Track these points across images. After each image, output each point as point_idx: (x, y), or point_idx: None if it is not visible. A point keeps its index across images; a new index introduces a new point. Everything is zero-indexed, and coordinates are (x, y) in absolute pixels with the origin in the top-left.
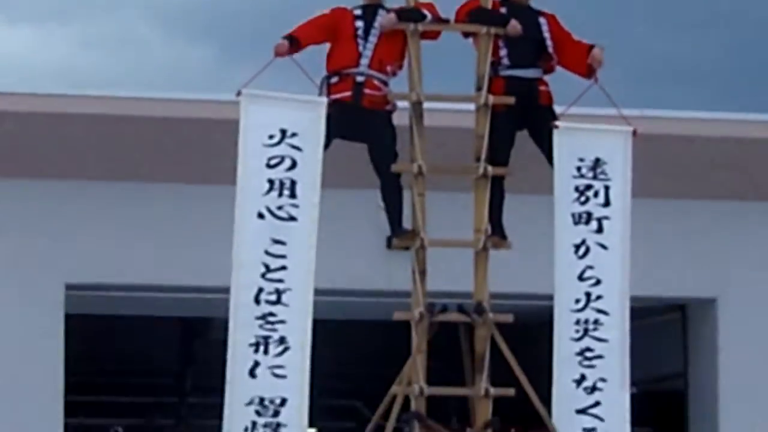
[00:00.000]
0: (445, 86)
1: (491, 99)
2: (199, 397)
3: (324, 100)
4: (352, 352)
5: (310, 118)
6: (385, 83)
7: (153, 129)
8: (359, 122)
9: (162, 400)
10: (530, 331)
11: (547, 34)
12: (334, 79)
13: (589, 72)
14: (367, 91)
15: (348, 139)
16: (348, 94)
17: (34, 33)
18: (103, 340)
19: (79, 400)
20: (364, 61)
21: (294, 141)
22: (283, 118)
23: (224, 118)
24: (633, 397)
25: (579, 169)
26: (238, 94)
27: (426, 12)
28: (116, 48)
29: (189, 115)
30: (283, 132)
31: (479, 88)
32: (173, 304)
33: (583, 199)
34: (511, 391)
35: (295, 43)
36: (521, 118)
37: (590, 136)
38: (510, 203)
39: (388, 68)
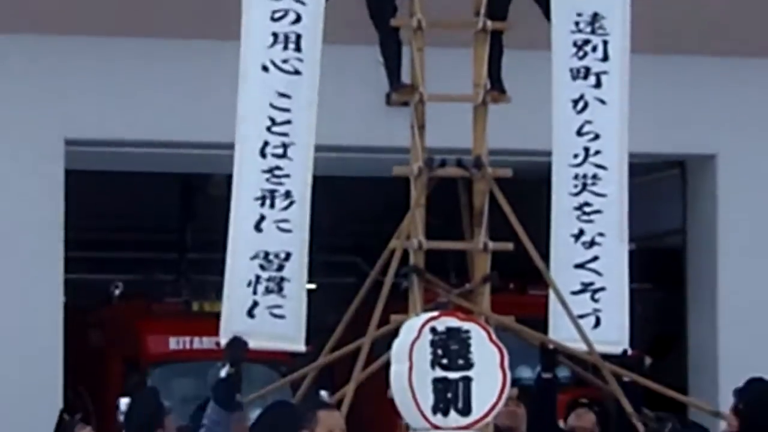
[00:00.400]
0: None
1: None
2: (199, 253)
3: None
4: (352, 208)
5: None
6: None
7: None
8: None
9: (162, 256)
10: (529, 186)
11: None
12: None
13: None
14: None
15: None
16: None
17: None
18: (104, 196)
19: (79, 256)
20: None
21: None
22: None
23: None
24: (632, 253)
25: (577, 24)
26: None
27: None
28: None
29: None
30: None
31: None
32: (173, 160)
33: (581, 54)
34: (509, 246)
35: None
36: None
37: None
38: (509, 59)
39: None
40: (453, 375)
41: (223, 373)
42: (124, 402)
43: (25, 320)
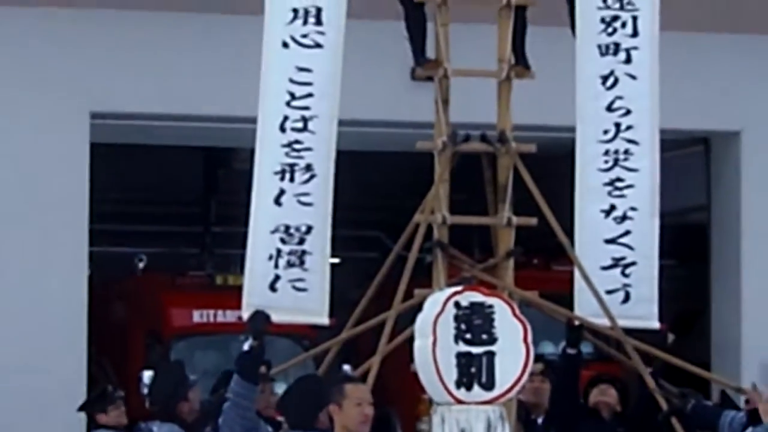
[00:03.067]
0: None
1: None
2: (223, 226)
3: None
4: (375, 183)
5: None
6: None
7: None
8: None
9: (186, 230)
10: (553, 162)
11: None
12: None
13: None
14: None
15: None
16: None
17: None
18: (128, 169)
19: (103, 229)
20: None
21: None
22: None
23: None
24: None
25: (605, 0)
26: None
27: None
28: None
29: None
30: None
31: None
32: (198, 134)
33: (610, 30)
34: (533, 221)
35: None
36: None
37: None
38: (533, 34)
39: None
40: (477, 350)
41: (246, 346)
42: (147, 375)
43: (50, 292)
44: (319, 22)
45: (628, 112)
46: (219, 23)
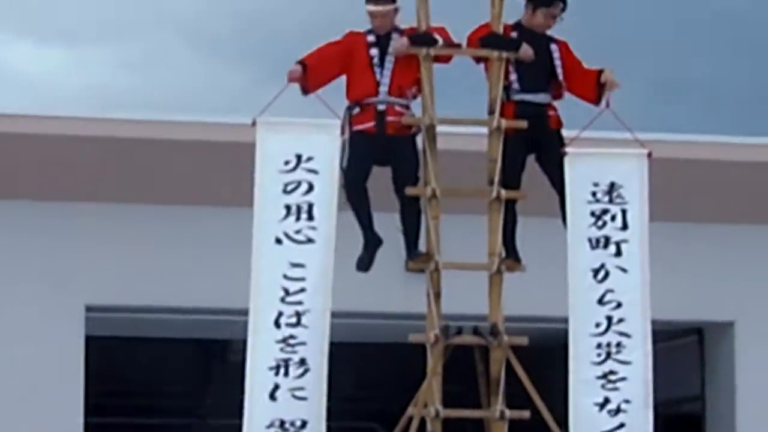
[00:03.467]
0: (456, 109)
1: (504, 123)
2: (218, 419)
3: (337, 121)
4: (369, 374)
5: (325, 140)
6: (407, 107)
7: (173, 151)
8: (385, 149)
9: (182, 422)
10: (545, 353)
11: (558, 61)
12: (356, 110)
13: (598, 99)
14: (389, 118)
15: (376, 164)
16: (371, 124)
17: (66, 54)
18: (123, 361)
19: (99, 422)
20: (383, 88)
21: (310, 165)
22: (299, 143)
23: (245, 142)
24: None
25: (594, 194)
26: (253, 123)
27: (438, 37)
28: (152, 70)
29: (209, 138)
30: (299, 157)
31: (491, 112)
32: (192, 326)
33: (600, 223)
34: (526, 414)
35: (306, 69)
36: (531, 142)
37: (604, 161)
38: (523, 226)
39: (408, 93)
40: None
41: None
42: None
43: None
44: (311, 218)
45: (620, 305)
46: (210, 215)
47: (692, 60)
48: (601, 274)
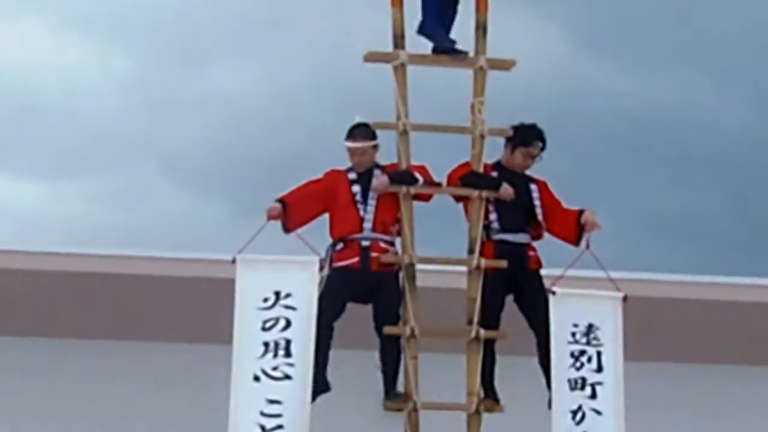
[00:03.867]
0: (436, 247)
1: (483, 263)
2: None
3: (316, 258)
4: None
5: (303, 277)
6: (392, 243)
7: (152, 287)
8: (368, 285)
9: None
10: None
11: (537, 201)
12: (340, 246)
13: (578, 240)
14: (373, 254)
15: (355, 301)
16: (356, 260)
17: (41, 189)
18: None
19: None
20: (367, 225)
21: (288, 301)
22: (277, 280)
23: (223, 277)
24: None
25: (574, 335)
26: (233, 261)
27: (418, 175)
28: (129, 203)
29: (187, 275)
30: (277, 294)
31: (471, 251)
32: None
33: (578, 364)
34: None
35: (286, 207)
36: (510, 282)
37: (583, 302)
38: (502, 365)
39: (392, 228)
40: None
41: None
42: None
43: None
44: (288, 354)
45: None
46: (188, 352)
47: (672, 195)
48: (579, 415)
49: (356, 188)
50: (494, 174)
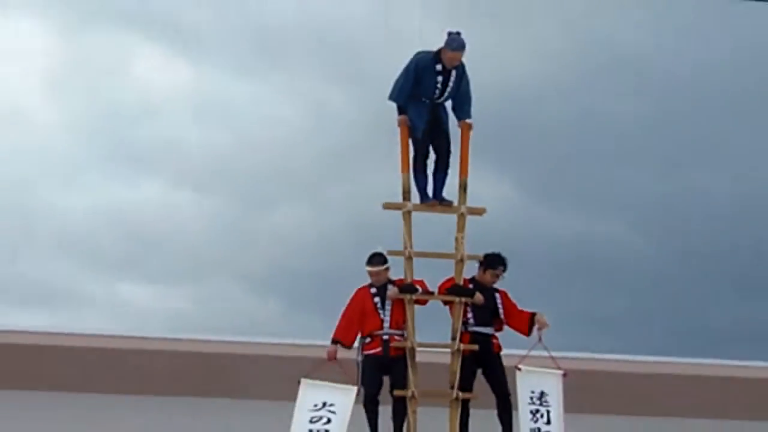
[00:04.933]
0: (430, 336)
1: (462, 347)
2: None
3: (354, 388)
4: None
5: (343, 396)
6: (403, 335)
7: (227, 361)
8: (387, 366)
9: None
10: None
11: (500, 305)
12: (368, 340)
13: (529, 332)
14: (391, 345)
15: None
16: (379, 350)
17: (150, 289)
18: None
19: None
20: (386, 324)
21: (331, 408)
22: (326, 396)
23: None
24: None
25: (531, 398)
26: (299, 382)
27: (418, 287)
28: (212, 303)
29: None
30: (324, 403)
31: (454, 338)
32: None
33: (535, 419)
34: None
35: (340, 343)
36: (480, 360)
37: (538, 376)
38: (474, 416)
39: (404, 325)
40: None
41: None
42: None
43: None
44: None
45: None
46: (213, 406)
47: (614, 298)
48: None
49: (377, 299)
50: (470, 286)
